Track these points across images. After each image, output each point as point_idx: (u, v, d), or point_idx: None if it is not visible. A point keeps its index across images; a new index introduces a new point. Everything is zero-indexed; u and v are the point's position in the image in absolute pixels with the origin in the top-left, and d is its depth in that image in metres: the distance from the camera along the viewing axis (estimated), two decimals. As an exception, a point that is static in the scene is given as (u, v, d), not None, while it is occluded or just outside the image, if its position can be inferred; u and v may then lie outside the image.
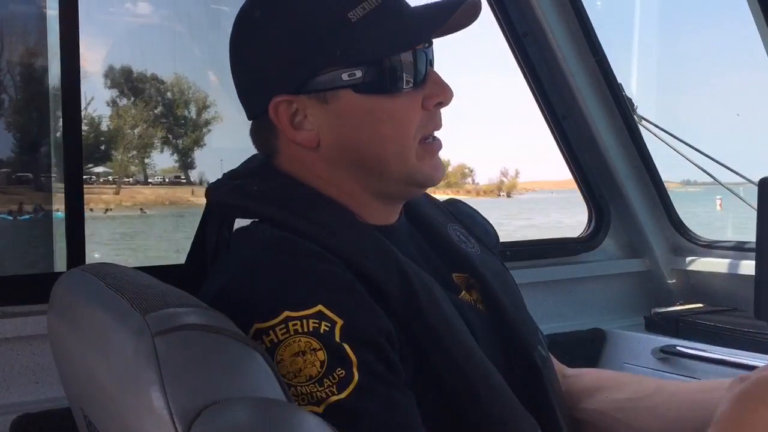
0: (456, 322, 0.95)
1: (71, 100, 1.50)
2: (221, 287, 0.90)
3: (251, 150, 1.07)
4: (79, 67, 1.50)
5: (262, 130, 1.02)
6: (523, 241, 2.22)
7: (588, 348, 2.07)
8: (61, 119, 1.48)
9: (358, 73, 0.93)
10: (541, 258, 2.13)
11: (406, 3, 0.99)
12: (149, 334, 0.69)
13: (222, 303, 0.84)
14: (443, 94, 0.98)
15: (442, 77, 0.99)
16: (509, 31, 2.03)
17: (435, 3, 0.97)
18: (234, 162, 1.09)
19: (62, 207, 1.45)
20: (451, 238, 1.10)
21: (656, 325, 2.03)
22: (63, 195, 1.47)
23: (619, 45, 2.48)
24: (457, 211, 1.19)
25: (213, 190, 1.02)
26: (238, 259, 0.93)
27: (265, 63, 0.98)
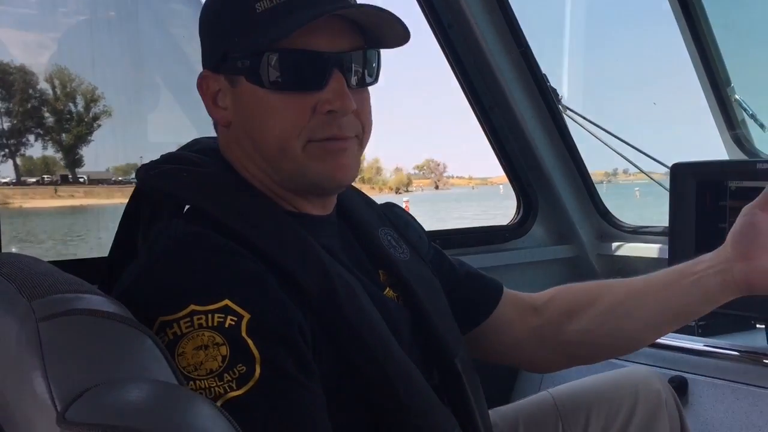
0: (375, 318, 0.95)
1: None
2: (132, 280, 0.90)
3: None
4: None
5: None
6: (454, 229, 2.25)
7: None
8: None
9: (248, 63, 0.95)
10: (471, 246, 2.17)
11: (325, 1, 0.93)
12: (34, 320, 0.69)
13: (131, 296, 0.84)
14: (336, 103, 0.93)
15: (344, 88, 0.94)
16: (434, 22, 2.05)
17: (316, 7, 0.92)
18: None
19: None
20: (380, 241, 1.11)
21: (582, 308, 2.08)
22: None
23: (548, 39, 2.54)
24: (393, 215, 1.19)
25: (143, 173, 1.00)
26: (151, 253, 0.93)
27: (201, 39, 1.03)
